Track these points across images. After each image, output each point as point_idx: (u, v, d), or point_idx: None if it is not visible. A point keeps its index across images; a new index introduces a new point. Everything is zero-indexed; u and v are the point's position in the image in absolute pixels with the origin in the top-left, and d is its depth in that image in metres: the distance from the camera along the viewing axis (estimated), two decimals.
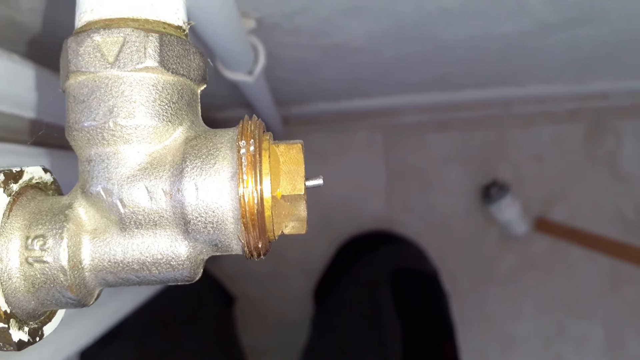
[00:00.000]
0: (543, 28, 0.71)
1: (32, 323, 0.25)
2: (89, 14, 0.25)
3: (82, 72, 0.24)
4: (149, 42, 0.25)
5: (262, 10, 0.58)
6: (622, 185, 1.27)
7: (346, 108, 1.19)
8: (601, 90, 1.15)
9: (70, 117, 0.25)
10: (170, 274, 0.25)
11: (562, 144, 1.28)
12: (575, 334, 1.29)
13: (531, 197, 1.29)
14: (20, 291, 0.24)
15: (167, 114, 0.25)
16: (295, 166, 0.25)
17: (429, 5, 0.60)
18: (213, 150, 0.24)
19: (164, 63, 0.25)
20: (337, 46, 0.73)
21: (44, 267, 0.23)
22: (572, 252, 1.28)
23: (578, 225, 1.26)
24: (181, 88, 0.26)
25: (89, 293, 0.25)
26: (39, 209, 0.25)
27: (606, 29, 0.74)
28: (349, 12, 0.60)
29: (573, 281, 1.29)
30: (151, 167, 0.24)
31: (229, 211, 0.24)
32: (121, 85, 0.24)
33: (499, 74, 1.02)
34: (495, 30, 0.71)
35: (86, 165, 0.25)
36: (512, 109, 1.25)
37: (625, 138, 1.26)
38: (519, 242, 1.29)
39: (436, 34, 0.71)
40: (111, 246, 0.24)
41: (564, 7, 0.63)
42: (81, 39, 0.25)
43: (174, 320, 0.84)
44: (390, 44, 0.75)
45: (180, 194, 0.24)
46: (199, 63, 0.27)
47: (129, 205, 0.24)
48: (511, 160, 1.29)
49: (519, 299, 1.28)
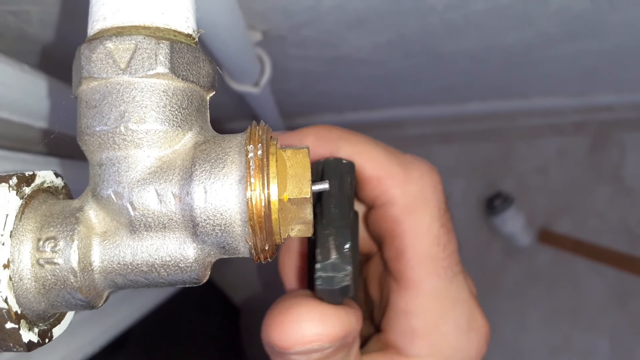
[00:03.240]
0: (547, 40, 0.72)
1: (42, 325, 0.26)
2: (102, 22, 0.26)
3: (95, 78, 0.25)
4: (160, 49, 0.25)
5: (268, 23, 0.59)
6: (626, 197, 1.27)
7: (351, 120, 1.20)
8: (605, 103, 1.16)
9: (82, 122, 0.26)
10: (178, 276, 0.25)
11: (567, 156, 1.28)
12: (581, 346, 1.29)
13: (535, 209, 1.29)
14: (31, 292, 0.24)
15: (177, 119, 0.26)
16: (301, 170, 0.26)
17: (432, 17, 0.60)
18: (222, 154, 0.25)
19: (175, 70, 0.25)
20: (342, 58, 0.74)
21: (55, 268, 0.24)
22: (577, 264, 1.27)
23: (583, 237, 1.26)
24: (191, 94, 0.26)
25: (98, 295, 0.26)
26: (50, 212, 0.25)
27: (610, 41, 0.74)
28: (354, 25, 0.61)
29: (578, 293, 1.28)
30: (161, 171, 0.25)
31: (237, 214, 0.24)
32: (132, 91, 0.25)
33: (503, 86, 1.03)
34: (499, 43, 0.72)
35: (97, 169, 0.26)
36: (516, 121, 1.26)
37: (630, 150, 1.26)
38: (523, 254, 1.29)
39: (440, 46, 0.72)
40: (121, 248, 0.25)
41: (567, 19, 0.64)
42: (94, 45, 0.25)
43: (179, 331, 0.84)
44: (395, 56, 0.75)
45: (190, 197, 0.24)
46: (209, 70, 0.28)
47: (139, 208, 0.24)
48: (515, 172, 1.29)
49: (525, 311, 1.28)
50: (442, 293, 0.34)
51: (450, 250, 0.35)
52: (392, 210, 0.34)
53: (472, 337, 0.35)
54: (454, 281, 0.34)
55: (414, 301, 0.34)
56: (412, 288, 0.34)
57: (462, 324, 0.35)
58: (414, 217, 0.34)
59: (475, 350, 0.35)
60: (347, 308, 0.31)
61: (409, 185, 0.34)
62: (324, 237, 0.31)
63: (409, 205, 0.34)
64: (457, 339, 0.35)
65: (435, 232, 0.34)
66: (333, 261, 0.30)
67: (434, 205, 0.34)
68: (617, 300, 1.28)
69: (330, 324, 0.29)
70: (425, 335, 0.34)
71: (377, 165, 0.35)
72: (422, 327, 0.34)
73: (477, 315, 0.36)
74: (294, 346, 0.29)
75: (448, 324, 0.34)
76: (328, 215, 0.31)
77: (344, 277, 0.30)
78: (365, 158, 0.35)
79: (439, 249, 0.34)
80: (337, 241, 0.30)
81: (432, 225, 0.34)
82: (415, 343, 0.34)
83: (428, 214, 0.34)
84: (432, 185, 0.35)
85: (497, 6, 0.58)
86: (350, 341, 0.32)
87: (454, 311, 0.34)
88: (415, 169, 0.35)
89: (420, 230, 0.34)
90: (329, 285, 0.30)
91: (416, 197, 0.34)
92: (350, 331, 0.31)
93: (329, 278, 0.30)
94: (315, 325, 0.29)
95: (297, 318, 0.29)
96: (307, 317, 0.29)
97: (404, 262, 0.34)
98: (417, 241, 0.34)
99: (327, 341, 0.29)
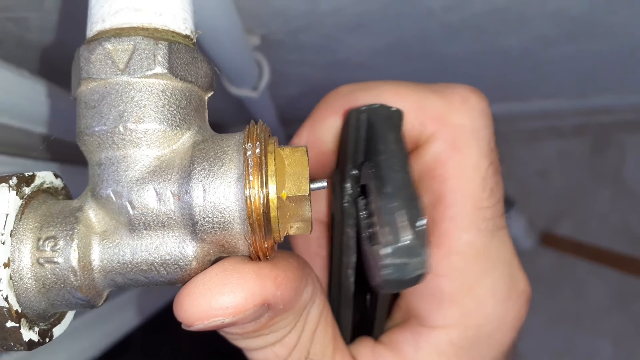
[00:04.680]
0: (545, 42, 0.72)
1: (42, 324, 0.26)
2: (100, 23, 0.26)
3: (94, 78, 0.25)
4: (158, 50, 0.25)
5: (266, 27, 0.59)
6: (627, 199, 1.27)
7: None
8: (605, 105, 1.16)
9: (81, 123, 0.26)
10: (178, 274, 0.25)
11: (567, 158, 1.29)
12: (584, 349, 1.28)
13: (536, 212, 1.29)
14: (31, 291, 0.24)
15: (175, 119, 0.26)
16: (300, 168, 0.26)
17: (431, 20, 0.61)
18: (220, 153, 0.25)
19: (173, 70, 0.26)
20: (341, 63, 0.74)
21: (55, 267, 0.24)
22: (579, 267, 1.27)
23: (584, 239, 1.25)
24: (189, 94, 0.27)
25: (98, 294, 0.26)
26: (50, 212, 0.25)
27: (608, 43, 0.74)
28: (352, 29, 0.61)
29: (581, 296, 1.28)
30: (160, 170, 0.25)
31: (236, 212, 0.24)
32: (131, 91, 0.25)
33: (502, 88, 1.03)
34: (498, 45, 0.72)
35: (96, 169, 0.26)
36: (516, 124, 1.26)
37: (630, 152, 1.27)
38: (525, 257, 1.29)
39: (438, 49, 0.72)
40: (120, 247, 0.25)
41: (565, 21, 0.64)
42: (93, 47, 0.25)
43: (180, 336, 0.84)
44: (393, 59, 0.76)
45: (188, 195, 0.24)
46: (207, 70, 0.28)
47: (138, 207, 0.25)
48: (516, 175, 1.29)
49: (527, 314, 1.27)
50: (482, 251, 0.28)
51: (497, 198, 0.29)
52: (433, 147, 0.29)
53: (510, 304, 0.29)
54: (497, 237, 0.29)
55: (447, 260, 0.28)
56: (444, 245, 0.28)
57: (500, 288, 0.29)
58: (459, 155, 0.28)
59: (512, 320, 0.30)
60: (261, 270, 0.25)
61: (451, 115, 0.28)
62: (390, 212, 0.24)
63: (453, 139, 0.28)
64: (494, 306, 0.29)
65: (483, 174, 0.28)
66: (407, 243, 0.23)
67: (482, 138, 0.28)
68: (620, 302, 1.27)
69: (230, 296, 0.23)
70: (456, 301, 0.29)
71: (408, 100, 0.28)
72: (453, 291, 0.29)
73: (519, 278, 0.30)
74: (194, 322, 0.24)
75: (485, 288, 0.29)
76: (392, 181, 0.25)
77: (420, 263, 0.23)
78: (390, 95, 0.29)
79: (484, 195, 0.28)
80: (410, 216, 0.24)
81: (480, 164, 0.28)
82: (443, 310, 0.29)
83: (476, 149, 0.28)
84: (479, 111, 0.29)
85: (494, 8, 0.58)
86: (284, 308, 0.26)
87: (493, 273, 0.29)
88: (456, 94, 0.29)
89: (465, 170, 0.28)
90: (401, 275, 0.24)
91: (461, 128, 0.28)
92: (266, 298, 0.24)
93: (402, 266, 0.23)
94: (210, 299, 0.23)
95: (191, 291, 0.24)
96: (201, 289, 0.24)
97: (441, 210, 0.28)
98: (460, 184, 0.28)
99: (230, 315, 0.23)
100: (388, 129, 0.26)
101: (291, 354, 0.28)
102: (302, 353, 0.28)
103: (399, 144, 0.26)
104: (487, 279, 0.29)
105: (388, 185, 0.24)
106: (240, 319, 0.24)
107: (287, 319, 0.27)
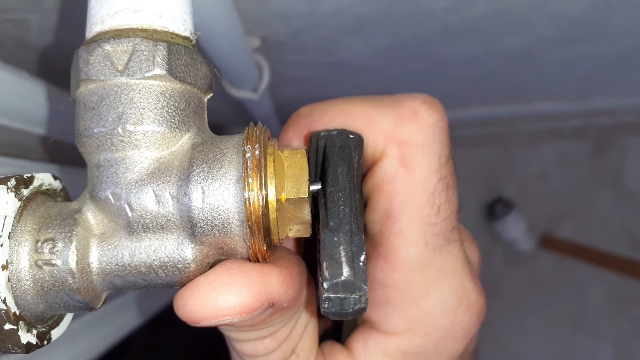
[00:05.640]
0: (546, 44, 0.72)
1: (40, 327, 0.26)
2: (100, 25, 0.26)
3: (93, 80, 0.25)
4: (157, 51, 0.25)
5: (266, 29, 0.59)
6: (628, 201, 1.27)
7: None
8: (605, 107, 1.16)
9: (80, 125, 0.26)
10: (176, 277, 0.25)
11: (567, 161, 1.28)
12: (584, 352, 1.28)
13: (537, 214, 1.29)
14: (29, 294, 0.24)
15: (174, 121, 0.26)
16: (299, 170, 0.26)
17: (431, 22, 0.61)
18: (219, 155, 0.25)
19: (172, 71, 0.25)
20: (341, 64, 0.74)
21: (53, 269, 0.24)
22: (579, 270, 1.27)
23: (584, 242, 1.25)
24: (188, 96, 0.27)
25: (97, 296, 0.26)
26: (48, 214, 0.25)
27: (609, 45, 0.74)
28: (353, 30, 0.61)
29: (581, 299, 1.28)
30: (159, 172, 0.25)
31: (235, 214, 0.24)
32: (130, 93, 0.25)
33: (502, 90, 1.03)
34: (498, 47, 0.72)
35: (95, 171, 0.26)
36: (516, 126, 1.26)
37: (630, 155, 1.26)
38: (525, 260, 1.29)
39: (439, 50, 0.72)
40: (119, 249, 0.25)
41: (566, 23, 0.64)
42: (92, 48, 0.25)
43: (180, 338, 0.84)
44: (394, 61, 0.76)
45: (187, 197, 0.24)
46: (206, 72, 0.28)
47: (136, 209, 0.24)
48: (516, 177, 1.29)
49: (526, 317, 1.27)
50: (427, 264, 0.29)
51: (446, 214, 0.29)
52: (383, 164, 0.29)
53: (459, 314, 0.30)
54: (445, 251, 0.29)
55: (393, 274, 0.29)
56: (392, 259, 0.29)
57: (449, 299, 0.30)
58: (408, 171, 0.28)
59: (462, 329, 0.31)
60: (265, 269, 0.25)
61: (400, 131, 0.28)
62: (332, 246, 0.24)
63: (401, 156, 0.28)
64: (441, 316, 0.30)
65: (431, 189, 0.28)
66: (345, 279, 0.23)
67: (432, 153, 0.28)
68: (620, 305, 1.27)
69: (237, 295, 0.24)
70: (402, 311, 0.30)
71: (360, 119, 0.29)
72: (401, 301, 0.30)
73: (470, 289, 0.31)
74: (200, 322, 0.24)
75: (431, 299, 0.30)
76: (336, 215, 0.25)
77: (359, 298, 0.24)
78: (344, 116, 0.29)
79: (432, 210, 0.28)
80: (350, 252, 0.24)
81: (428, 180, 0.28)
82: (392, 318, 0.30)
83: (425, 165, 0.28)
84: (430, 125, 0.28)
85: (495, 10, 0.58)
86: (288, 305, 0.27)
87: (440, 285, 0.30)
88: (407, 107, 0.28)
89: (413, 187, 0.28)
90: (339, 309, 0.24)
91: (410, 144, 0.28)
92: (272, 297, 0.25)
93: (340, 300, 0.24)
94: (216, 299, 0.24)
95: (195, 291, 0.24)
96: (206, 289, 0.24)
97: (389, 225, 0.29)
98: (408, 200, 0.28)
99: (237, 314, 0.24)
100: (340, 160, 0.26)
101: (279, 347, 0.29)
102: (290, 347, 0.29)
103: (347, 176, 0.26)
104: (435, 290, 0.30)
105: (331, 219, 0.25)
106: (248, 318, 0.24)
107: (287, 315, 0.28)
